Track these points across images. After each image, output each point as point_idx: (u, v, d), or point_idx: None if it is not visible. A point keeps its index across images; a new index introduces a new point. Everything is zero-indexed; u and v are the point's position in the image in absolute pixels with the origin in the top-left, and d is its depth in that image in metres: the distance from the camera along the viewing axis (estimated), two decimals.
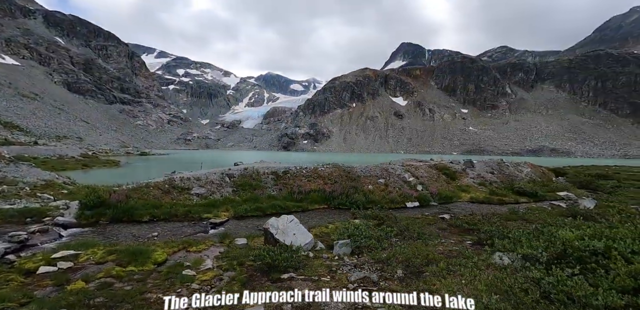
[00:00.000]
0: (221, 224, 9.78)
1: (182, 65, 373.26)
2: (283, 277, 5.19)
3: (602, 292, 2.97)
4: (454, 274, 5.39)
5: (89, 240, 6.57)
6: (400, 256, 6.26)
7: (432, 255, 6.37)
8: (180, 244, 7.14)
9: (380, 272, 5.65)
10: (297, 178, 15.20)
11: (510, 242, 6.24)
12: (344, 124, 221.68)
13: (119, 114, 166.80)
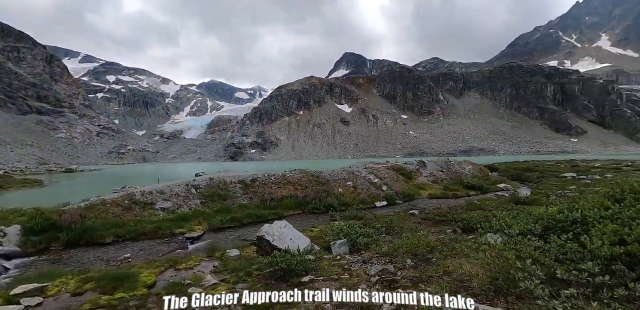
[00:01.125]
0: (198, 238, 9.01)
1: (112, 72, 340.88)
2: (304, 280, 5.01)
3: (605, 245, 3.56)
4: (459, 256, 5.86)
5: (53, 270, 5.52)
6: (404, 248, 6.51)
7: (433, 243, 6.77)
8: (165, 262, 6.41)
9: (392, 264, 5.81)
10: (267, 186, 14.74)
11: (497, 224, 6.89)
12: (292, 131, 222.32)
13: (35, 126, 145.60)
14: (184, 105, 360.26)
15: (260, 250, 7.24)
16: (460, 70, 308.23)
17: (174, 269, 6.26)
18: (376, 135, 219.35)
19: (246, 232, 9.88)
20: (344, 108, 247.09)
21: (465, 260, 5.79)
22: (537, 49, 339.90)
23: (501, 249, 4.64)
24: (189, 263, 6.47)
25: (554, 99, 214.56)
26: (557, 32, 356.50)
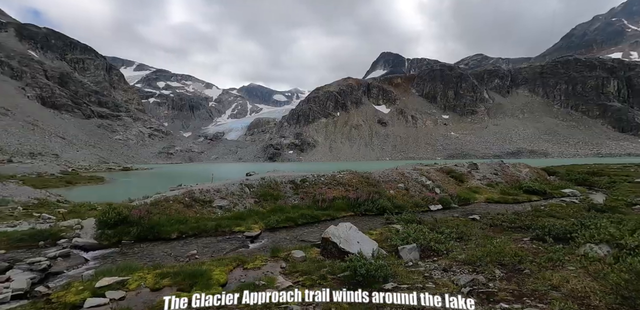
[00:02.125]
0: (257, 237, 8.93)
1: (162, 78, 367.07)
2: (386, 287, 4.62)
3: None
4: (558, 268, 5.20)
5: (129, 263, 5.62)
6: (487, 256, 5.91)
7: (520, 252, 6.14)
8: (232, 261, 6.30)
9: (478, 274, 5.32)
10: (317, 186, 14.49)
11: (600, 233, 6.04)
12: (328, 133, 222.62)
13: (97, 129, 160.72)
14: (225, 108, 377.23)
15: (324, 252, 6.91)
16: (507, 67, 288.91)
17: (241, 268, 6.13)
18: (415, 136, 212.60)
19: (302, 233, 9.66)
20: (381, 109, 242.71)
21: (568, 272, 5.07)
22: (597, 39, 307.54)
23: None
24: (256, 262, 6.31)
25: (617, 94, 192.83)
26: (620, 20, 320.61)
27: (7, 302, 4.42)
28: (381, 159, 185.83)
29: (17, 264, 6.00)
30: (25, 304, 4.26)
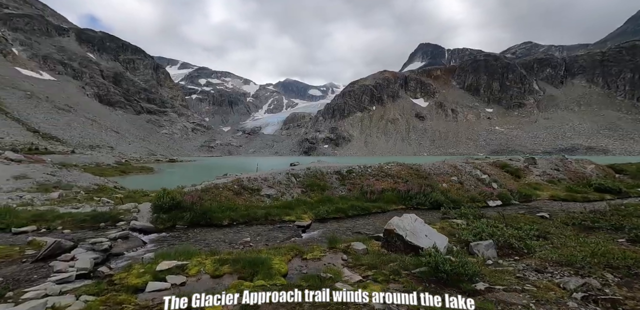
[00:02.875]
0: (307, 227, 8.54)
1: (203, 75, 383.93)
2: (478, 288, 3.91)
3: None
4: None
5: (187, 247, 5.41)
6: (591, 258, 5.01)
7: (634, 254, 5.15)
8: (289, 250, 5.90)
9: (585, 278, 4.52)
10: (364, 177, 13.82)
11: None
12: (364, 127, 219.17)
13: (146, 124, 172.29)
14: (262, 103, 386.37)
15: (387, 245, 6.28)
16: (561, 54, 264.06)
17: (300, 258, 5.70)
18: (455, 130, 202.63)
19: (354, 225, 9.10)
20: (419, 102, 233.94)
21: None
22: None
23: None
24: (314, 253, 5.84)
25: None
26: None
27: (72, 282, 4.35)
28: (418, 154, 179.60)
29: (81, 243, 6.08)
30: (89, 284, 4.13)
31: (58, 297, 3.64)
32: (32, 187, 12.61)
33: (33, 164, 17.90)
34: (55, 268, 4.61)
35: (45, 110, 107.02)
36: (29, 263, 4.99)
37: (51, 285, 4.01)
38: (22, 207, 9.08)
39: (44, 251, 5.22)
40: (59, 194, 11.91)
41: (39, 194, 11.72)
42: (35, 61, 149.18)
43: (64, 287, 3.99)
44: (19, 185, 12.54)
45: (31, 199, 10.57)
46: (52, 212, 8.31)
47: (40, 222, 7.63)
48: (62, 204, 10.28)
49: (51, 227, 7.45)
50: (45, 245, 5.41)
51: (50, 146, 67.58)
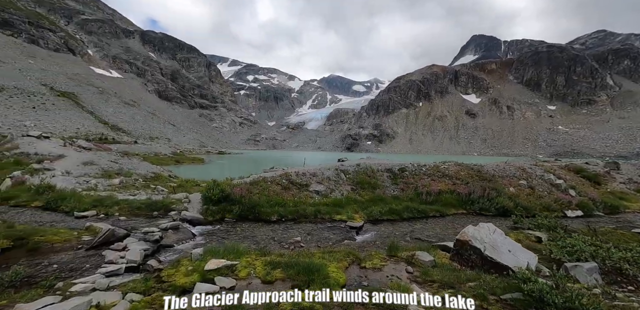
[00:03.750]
0: (360, 228, 7.84)
1: (251, 72, 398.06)
2: None
3: None
4: None
5: (236, 245, 5.02)
6: None
7: None
8: (345, 255, 5.26)
9: None
10: (418, 177, 12.72)
11: None
12: (409, 124, 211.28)
13: (198, 118, 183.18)
14: (306, 99, 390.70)
15: (458, 258, 5.37)
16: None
17: (357, 265, 5.04)
18: (511, 129, 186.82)
19: (412, 229, 8.21)
20: (470, 98, 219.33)
21: None
22: None
23: None
24: (374, 261, 5.14)
25: None
26: None
27: (121, 275, 4.16)
28: (468, 153, 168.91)
29: (134, 232, 6.04)
30: (137, 280, 3.86)
31: (104, 293, 3.39)
32: (98, 173, 13.48)
33: (100, 152, 19.40)
34: (107, 258, 4.48)
35: (113, 105, 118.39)
36: (83, 250, 4.97)
37: (100, 278, 3.82)
38: (86, 191, 9.57)
39: (98, 238, 5.18)
40: (120, 181, 12.57)
41: (103, 179, 12.45)
42: (106, 61, 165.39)
43: (112, 281, 3.77)
44: (86, 171, 13.47)
45: (95, 184, 11.20)
46: (110, 198, 8.58)
47: (99, 208, 7.88)
48: (121, 191, 10.74)
49: (109, 213, 7.64)
50: (100, 232, 5.38)
51: (117, 136, 74.56)
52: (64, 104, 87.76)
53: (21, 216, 7.34)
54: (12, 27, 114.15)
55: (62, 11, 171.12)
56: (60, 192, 8.84)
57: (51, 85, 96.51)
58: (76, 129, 72.65)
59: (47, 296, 3.30)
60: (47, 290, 3.50)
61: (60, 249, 5.00)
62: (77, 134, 64.72)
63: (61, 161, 14.70)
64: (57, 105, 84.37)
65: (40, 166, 12.93)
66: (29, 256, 4.72)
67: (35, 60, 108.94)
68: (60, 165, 13.76)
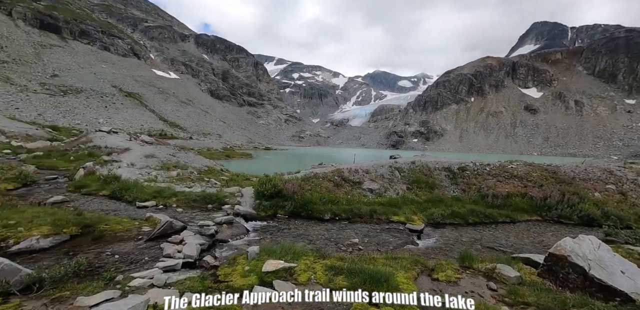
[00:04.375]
0: (421, 232, 7.12)
1: (296, 70, 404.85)
2: None
3: None
4: None
5: (292, 245, 4.68)
6: None
7: None
8: (412, 263, 4.65)
9: None
10: (481, 177, 11.50)
11: None
12: (459, 121, 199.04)
13: (246, 115, 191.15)
14: (350, 95, 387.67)
15: (551, 276, 4.46)
16: None
17: (428, 276, 4.41)
18: (578, 126, 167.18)
19: (480, 235, 7.29)
20: (530, 92, 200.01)
21: None
22: None
23: None
24: (447, 272, 4.46)
25: None
26: None
27: (178, 270, 4.02)
28: (526, 153, 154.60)
29: (190, 225, 6.02)
30: (194, 278, 3.67)
31: (161, 290, 3.23)
32: (157, 165, 14.27)
33: (160, 146, 20.74)
34: (165, 251, 4.40)
35: (172, 103, 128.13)
36: (143, 241, 5.00)
37: (158, 273, 3.69)
38: (147, 182, 10.04)
39: (157, 230, 5.18)
40: (177, 173, 13.14)
41: (162, 171, 13.11)
42: (166, 64, 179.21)
43: (170, 277, 3.62)
44: (148, 163, 14.32)
45: (155, 175, 11.79)
46: (169, 189, 8.84)
47: (159, 198, 8.14)
48: (178, 182, 11.15)
49: (167, 204, 7.84)
50: (159, 224, 5.39)
51: (175, 132, 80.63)
52: (131, 103, 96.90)
53: (90, 204, 7.81)
54: (89, 36, 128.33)
55: (128, 20, 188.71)
56: (125, 182, 9.34)
57: (120, 87, 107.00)
58: (140, 126, 79.77)
59: (107, 290, 3.22)
60: (108, 282, 3.45)
61: (122, 239, 5.09)
62: (141, 129, 70.95)
63: (127, 154, 15.84)
64: (125, 104, 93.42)
65: (109, 158, 14.01)
66: (94, 244, 4.84)
67: (107, 65, 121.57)
68: (126, 157, 14.81)
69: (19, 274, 3.23)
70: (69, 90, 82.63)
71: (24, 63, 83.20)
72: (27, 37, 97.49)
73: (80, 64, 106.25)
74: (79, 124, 63.69)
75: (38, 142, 23.85)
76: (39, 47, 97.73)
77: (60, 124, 55.91)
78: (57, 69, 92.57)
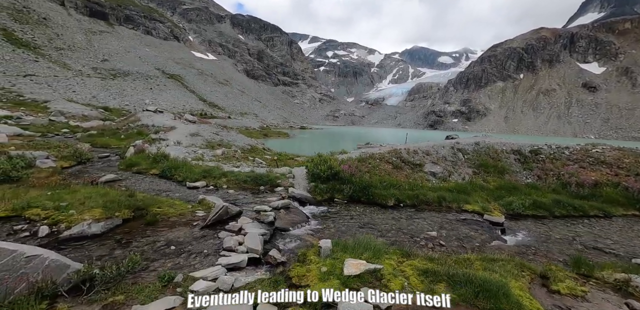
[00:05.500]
0: (502, 225, 6.10)
1: (330, 48, 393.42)
2: None
3: None
4: None
5: (368, 239, 3.97)
6: None
7: None
8: (517, 268, 3.77)
9: None
10: (560, 162, 9.95)
11: None
12: (505, 99, 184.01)
13: (281, 94, 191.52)
14: (386, 73, 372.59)
15: None
16: None
17: (543, 287, 3.52)
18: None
19: (577, 233, 6.13)
20: (589, 68, 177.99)
21: None
22: None
23: None
24: (566, 283, 3.52)
25: None
26: None
27: (243, 269, 3.44)
28: (581, 135, 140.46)
29: (244, 207, 5.55)
30: (265, 282, 3.09)
31: (229, 296, 2.65)
32: (203, 144, 14.22)
33: (203, 125, 20.91)
34: (225, 243, 3.87)
35: (210, 84, 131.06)
36: (198, 229, 4.57)
37: (221, 273, 3.16)
38: (195, 161, 9.83)
39: (212, 216, 4.71)
40: (222, 152, 12.97)
41: (207, 150, 13.01)
42: (204, 45, 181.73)
43: (236, 279, 3.06)
44: (193, 142, 14.30)
45: (202, 154, 11.66)
46: (217, 169, 8.51)
47: (208, 178, 7.80)
48: (224, 161, 10.90)
49: (217, 185, 7.48)
50: (214, 209, 4.91)
51: (214, 112, 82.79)
52: (173, 85, 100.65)
53: (141, 183, 7.66)
54: (133, 21, 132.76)
55: (167, 3, 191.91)
56: (174, 161, 9.16)
57: (162, 69, 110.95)
58: (182, 106, 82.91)
59: (166, 294, 2.75)
60: (166, 284, 2.97)
61: (176, 224, 4.70)
62: (183, 110, 73.65)
63: (173, 132, 15.99)
64: (167, 85, 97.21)
65: (157, 136, 14.14)
66: (147, 230, 4.48)
67: (150, 48, 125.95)
68: (172, 135, 14.91)
69: (67, 271, 2.80)
70: (117, 73, 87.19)
71: (77, 49, 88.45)
72: (78, 25, 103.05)
73: (126, 49, 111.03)
74: (127, 104, 67.44)
75: (92, 121, 25.24)
76: (90, 33, 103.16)
77: (111, 105, 59.57)
78: (107, 53, 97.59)
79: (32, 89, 52.05)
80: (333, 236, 4.64)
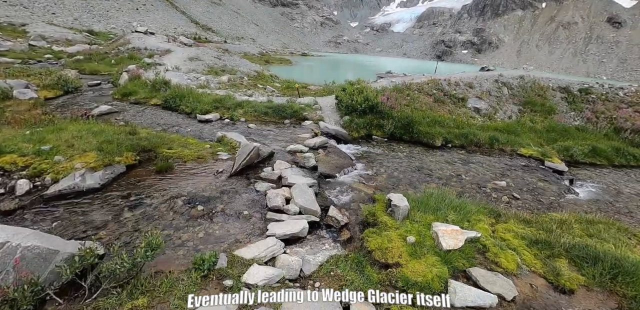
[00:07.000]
0: (562, 173, 5.39)
1: None
2: None
3: None
4: None
5: (446, 194, 3.23)
6: None
7: None
8: (621, 232, 3.14)
9: None
10: (612, 103, 8.89)
11: None
12: (522, 31, 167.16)
13: (280, 17, 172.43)
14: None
15: None
16: None
17: None
18: None
19: None
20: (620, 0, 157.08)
21: None
22: None
23: None
24: None
25: None
26: None
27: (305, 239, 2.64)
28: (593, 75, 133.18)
29: (275, 148, 4.63)
30: (341, 261, 2.32)
31: (310, 294, 1.90)
32: (204, 70, 12.70)
33: (203, 48, 18.67)
34: (270, 202, 3.00)
35: (202, 4, 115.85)
36: (225, 177, 3.62)
37: (279, 250, 2.35)
38: (200, 89, 8.58)
39: (241, 161, 3.72)
40: (228, 78, 11.57)
41: (211, 76, 11.59)
42: None
43: (304, 259, 2.25)
44: (193, 67, 12.71)
45: (206, 81, 10.30)
46: (230, 98, 7.34)
47: (221, 110, 6.72)
48: (233, 89, 9.66)
49: (234, 118, 6.44)
50: (241, 150, 3.91)
51: (209, 36, 75.34)
52: (161, 4, 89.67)
53: (142, 116, 6.56)
54: None
55: None
56: (177, 89, 7.86)
57: None
58: (173, 29, 75.01)
59: (210, 291, 1.94)
60: (207, 274, 2.09)
61: (197, 172, 3.77)
62: (174, 33, 66.70)
63: (169, 56, 14.10)
64: (155, 5, 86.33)
65: (152, 61, 12.40)
66: (161, 180, 3.47)
67: None
68: (169, 60, 13.12)
69: (55, 261, 1.81)
70: None
71: None
72: None
73: None
74: (114, 27, 61.16)
75: (77, 46, 22.67)
76: None
77: (96, 28, 53.67)
78: None
79: (7, 11, 46.09)
80: (388, 185, 3.90)
